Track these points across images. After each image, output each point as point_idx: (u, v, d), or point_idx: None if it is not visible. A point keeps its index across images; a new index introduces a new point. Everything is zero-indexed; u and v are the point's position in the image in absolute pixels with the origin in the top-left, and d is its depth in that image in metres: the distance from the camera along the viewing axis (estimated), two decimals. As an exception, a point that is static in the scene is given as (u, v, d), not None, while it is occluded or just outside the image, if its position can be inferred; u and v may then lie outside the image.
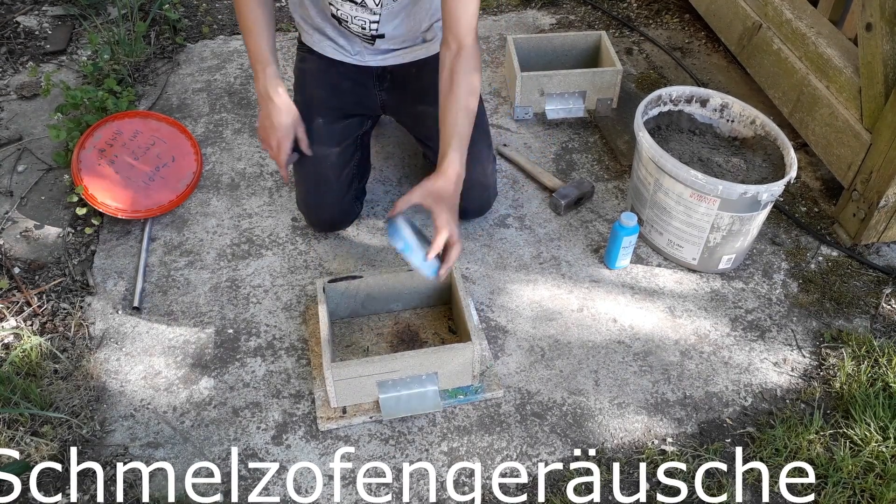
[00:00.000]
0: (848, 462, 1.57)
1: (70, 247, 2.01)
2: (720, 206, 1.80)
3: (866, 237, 2.00)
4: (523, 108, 2.39)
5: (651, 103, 2.00)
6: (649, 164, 1.88)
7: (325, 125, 1.88)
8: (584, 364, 1.77)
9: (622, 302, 1.90)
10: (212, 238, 2.04)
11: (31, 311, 1.85)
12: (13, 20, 2.77)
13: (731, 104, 2.03)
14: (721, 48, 2.72)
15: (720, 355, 1.79)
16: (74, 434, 1.62)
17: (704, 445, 1.62)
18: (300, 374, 1.73)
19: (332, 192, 1.92)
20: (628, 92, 2.52)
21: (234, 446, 1.61)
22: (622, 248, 1.90)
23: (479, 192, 1.94)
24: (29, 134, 2.34)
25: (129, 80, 2.49)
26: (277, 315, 1.86)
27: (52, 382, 1.71)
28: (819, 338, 1.84)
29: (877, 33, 1.81)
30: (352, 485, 1.55)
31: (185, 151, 2.18)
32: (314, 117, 1.87)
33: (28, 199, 2.14)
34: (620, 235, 1.87)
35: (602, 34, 2.47)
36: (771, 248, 2.05)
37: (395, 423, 1.65)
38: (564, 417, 1.67)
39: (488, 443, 1.62)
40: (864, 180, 1.93)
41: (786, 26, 2.19)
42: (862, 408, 1.64)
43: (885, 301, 1.91)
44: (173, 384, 1.72)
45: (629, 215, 1.85)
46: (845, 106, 1.99)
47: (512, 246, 2.03)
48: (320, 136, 1.87)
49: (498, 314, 1.87)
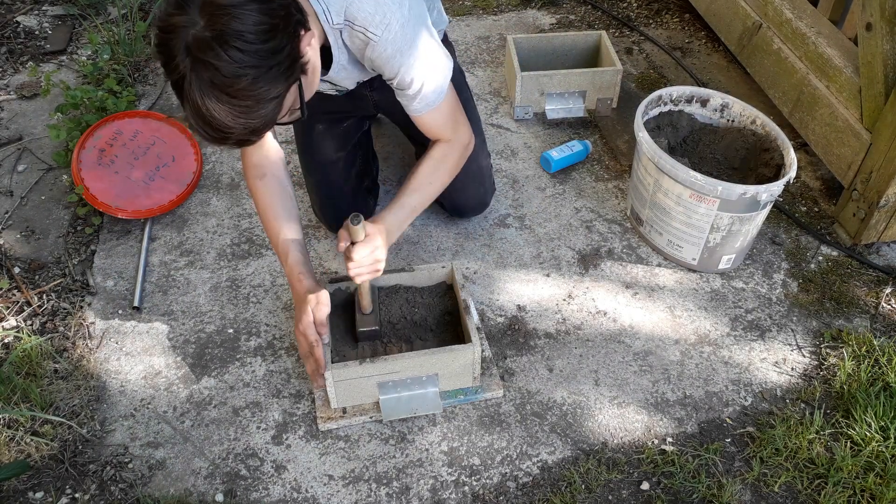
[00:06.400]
0: (848, 462, 1.57)
1: (70, 247, 2.02)
2: (720, 207, 1.80)
3: (866, 237, 2.00)
4: (523, 107, 2.39)
5: (651, 103, 2.00)
6: (649, 164, 1.88)
7: (326, 130, 1.89)
8: (583, 364, 1.77)
9: (622, 301, 1.90)
10: (212, 238, 2.04)
11: (32, 311, 1.85)
12: (13, 20, 2.77)
13: (732, 104, 2.03)
14: (721, 48, 2.72)
15: (720, 355, 1.79)
16: (74, 434, 1.62)
17: (704, 445, 1.62)
18: (300, 374, 1.73)
19: (343, 195, 1.93)
20: (628, 92, 2.52)
21: (234, 446, 1.61)
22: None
23: (474, 188, 1.94)
24: (29, 134, 2.34)
25: (129, 80, 2.49)
26: (278, 315, 1.86)
27: (52, 382, 1.71)
28: (819, 337, 1.84)
29: (877, 33, 1.81)
30: (352, 485, 1.55)
31: (186, 151, 2.18)
32: (314, 124, 1.87)
33: (28, 199, 2.14)
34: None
35: (602, 34, 2.47)
36: (771, 247, 2.05)
37: (395, 423, 1.65)
38: (564, 417, 1.67)
39: (488, 442, 1.62)
40: (864, 180, 1.93)
41: (786, 26, 2.19)
42: (862, 407, 1.64)
43: (885, 301, 1.91)
44: (173, 384, 1.72)
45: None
46: (845, 106, 1.99)
47: (512, 246, 2.03)
48: (323, 143, 1.88)
49: (498, 314, 1.87)
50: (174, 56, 1.13)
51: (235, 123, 1.18)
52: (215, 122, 1.17)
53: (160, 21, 1.15)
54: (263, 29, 1.14)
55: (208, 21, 1.11)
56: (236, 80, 1.14)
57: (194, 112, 1.17)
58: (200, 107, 1.15)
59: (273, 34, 1.16)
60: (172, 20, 1.13)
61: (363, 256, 1.52)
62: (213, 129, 1.18)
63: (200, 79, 1.13)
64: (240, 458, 1.59)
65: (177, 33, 1.12)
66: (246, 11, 1.12)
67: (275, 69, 1.17)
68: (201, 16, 1.11)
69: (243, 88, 1.15)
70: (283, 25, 1.18)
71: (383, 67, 1.49)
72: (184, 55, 1.12)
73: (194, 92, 1.14)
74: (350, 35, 1.45)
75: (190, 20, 1.11)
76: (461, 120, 1.67)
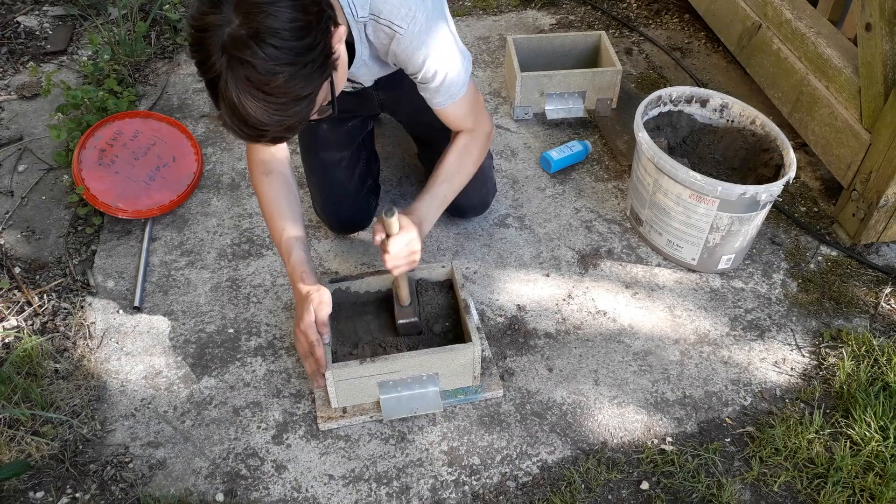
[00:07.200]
0: (847, 461, 1.57)
1: (71, 247, 2.02)
2: (719, 207, 1.80)
3: (866, 237, 2.01)
4: (523, 108, 2.40)
5: (651, 104, 2.01)
6: (648, 164, 1.89)
7: (331, 130, 1.89)
8: (583, 363, 1.77)
9: (622, 301, 1.90)
10: (212, 238, 2.04)
11: (32, 311, 1.86)
12: (14, 20, 2.77)
13: (731, 104, 2.03)
14: (721, 48, 2.72)
15: (720, 355, 1.80)
16: (75, 434, 1.62)
17: (704, 445, 1.62)
18: (300, 374, 1.73)
19: (347, 195, 1.93)
20: (628, 92, 2.52)
21: (234, 445, 1.61)
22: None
23: (476, 188, 1.94)
24: (29, 134, 2.34)
25: (130, 80, 2.49)
26: (278, 315, 1.86)
27: (52, 382, 1.71)
28: (818, 337, 1.84)
29: (876, 33, 1.81)
30: (352, 484, 1.55)
31: (186, 151, 2.18)
32: (319, 123, 1.87)
33: (28, 199, 2.15)
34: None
35: (602, 34, 2.47)
36: (770, 247, 2.05)
37: (396, 422, 1.65)
38: (564, 417, 1.67)
39: (488, 442, 1.62)
40: (864, 180, 1.93)
41: (785, 26, 2.19)
42: (862, 407, 1.65)
43: (885, 300, 1.92)
44: (174, 384, 1.72)
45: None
46: (845, 106, 1.99)
47: (512, 246, 2.03)
48: (328, 142, 1.88)
49: (498, 314, 1.87)
50: (210, 55, 1.13)
51: (271, 121, 1.18)
52: (251, 119, 1.17)
53: (194, 20, 1.14)
54: (298, 26, 1.15)
55: (244, 19, 1.11)
56: (273, 78, 1.14)
57: (230, 110, 1.17)
58: (237, 105, 1.15)
59: (307, 31, 1.16)
60: (207, 19, 1.13)
61: (399, 248, 1.52)
62: (249, 126, 1.19)
63: (237, 77, 1.13)
64: (240, 457, 1.59)
65: (212, 32, 1.12)
66: (280, 9, 1.13)
67: (309, 66, 1.17)
68: (236, 14, 1.12)
69: (279, 86, 1.15)
70: (316, 22, 1.18)
71: (408, 61, 1.50)
72: (220, 53, 1.12)
73: (230, 90, 1.14)
74: (375, 29, 1.45)
75: (225, 18, 1.12)
76: (482, 110, 1.69)
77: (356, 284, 1.78)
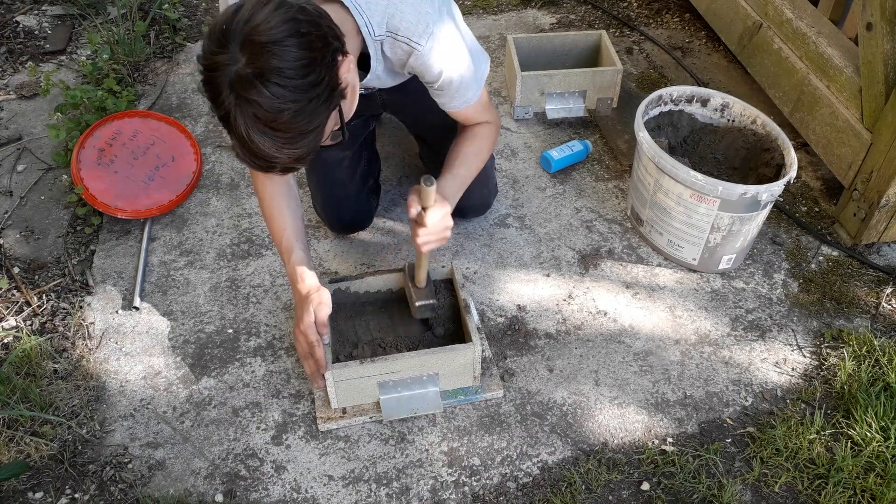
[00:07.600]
0: (848, 462, 1.57)
1: (70, 247, 2.01)
2: (720, 207, 1.80)
3: (867, 237, 2.00)
4: (523, 107, 2.39)
5: (651, 103, 2.00)
6: (649, 164, 1.88)
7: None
8: (584, 364, 1.77)
9: (622, 302, 1.90)
10: (211, 238, 2.04)
11: (31, 311, 1.85)
12: (13, 20, 2.77)
13: (732, 104, 2.03)
14: (721, 48, 2.71)
15: (720, 355, 1.79)
16: (74, 434, 1.61)
17: (705, 445, 1.62)
18: (300, 374, 1.73)
19: (349, 194, 1.93)
20: (628, 91, 2.52)
21: (233, 446, 1.61)
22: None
23: (478, 189, 1.94)
24: (28, 134, 2.33)
25: (129, 80, 2.49)
26: (277, 315, 1.86)
27: (51, 382, 1.70)
28: (819, 337, 1.83)
29: (877, 33, 1.81)
30: (352, 485, 1.55)
31: (185, 151, 2.18)
32: None
33: (28, 199, 2.14)
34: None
35: (602, 34, 2.46)
36: (771, 247, 2.04)
37: (395, 423, 1.65)
38: (564, 417, 1.66)
39: (488, 443, 1.62)
40: (865, 180, 1.93)
41: (786, 26, 2.19)
42: (863, 408, 1.64)
43: (886, 301, 1.91)
44: (173, 384, 1.72)
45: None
46: (846, 105, 1.99)
47: (512, 246, 2.03)
48: None
49: (498, 314, 1.86)
50: (220, 92, 1.17)
51: (280, 154, 1.22)
52: (261, 153, 1.21)
53: (204, 59, 1.18)
54: (302, 64, 1.17)
55: (249, 58, 1.14)
56: (279, 115, 1.17)
57: (241, 144, 1.21)
58: (246, 140, 1.19)
59: (312, 68, 1.18)
60: (216, 58, 1.16)
61: (436, 221, 1.52)
62: (260, 159, 1.23)
63: (245, 114, 1.17)
64: (239, 458, 1.59)
65: (220, 71, 1.15)
66: (285, 48, 1.15)
67: (314, 101, 1.20)
68: (242, 53, 1.14)
69: (285, 122, 1.18)
70: (321, 58, 1.20)
71: (425, 73, 1.53)
72: (228, 91, 1.16)
73: (240, 126, 1.18)
74: (392, 45, 1.48)
75: (232, 58, 1.15)
76: (491, 105, 1.72)
77: (356, 284, 1.78)
